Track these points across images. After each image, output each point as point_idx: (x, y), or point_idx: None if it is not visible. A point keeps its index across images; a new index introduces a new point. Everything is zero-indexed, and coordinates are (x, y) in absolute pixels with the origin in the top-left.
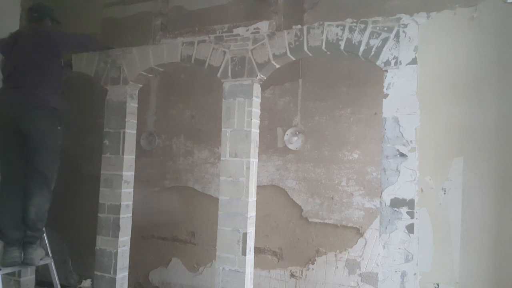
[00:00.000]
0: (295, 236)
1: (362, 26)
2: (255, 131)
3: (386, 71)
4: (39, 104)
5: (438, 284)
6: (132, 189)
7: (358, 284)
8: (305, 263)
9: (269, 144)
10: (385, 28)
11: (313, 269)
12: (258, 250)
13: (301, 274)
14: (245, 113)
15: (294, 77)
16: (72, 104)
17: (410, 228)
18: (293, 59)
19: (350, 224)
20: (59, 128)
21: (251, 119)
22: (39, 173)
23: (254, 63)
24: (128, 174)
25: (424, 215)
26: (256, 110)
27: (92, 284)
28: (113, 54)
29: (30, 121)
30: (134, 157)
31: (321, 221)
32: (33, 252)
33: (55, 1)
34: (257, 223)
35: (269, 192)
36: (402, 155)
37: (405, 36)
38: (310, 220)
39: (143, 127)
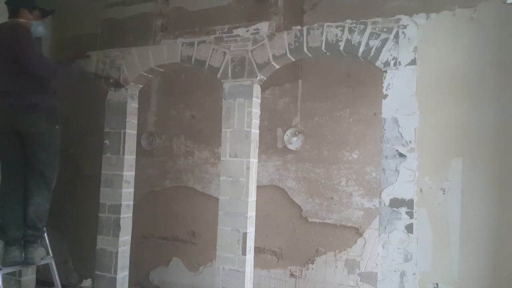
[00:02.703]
0: (295, 236)
1: (362, 27)
2: (255, 131)
3: (386, 71)
4: (35, 105)
5: (437, 284)
6: (133, 189)
7: (357, 284)
8: (305, 263)
9: (269, 144)
10: (385, 29)
11: (312, 268)
12: (258, 250)
13: (301, 274)
14: (245, 114)
15: (294, 78)
16: (73, 104)
17: (409, 228)
18: (293, 59)
19: (349, 224)
20: (57, 127)
21: (251, 120)
22: (38, 173)
23: (254, 64)
24: (129, 174)
25: (423, 215)
26: (256, 111)
27: (92, 283)
28: (111, 54)
29: (28, 123)
30: (134, 157)
31: (321, 221)
32: (34, 251)
33: (56, 1)
34: (257, 223)
35: (269, 192)
36: (401, 155)
37: (404, 37)
38: (309, 220)
39: (144, 127)
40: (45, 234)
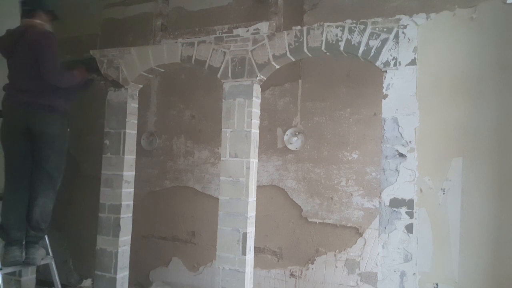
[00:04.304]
0: (295, 236)
1: (362, 27)
2: (255, 131)
3: (386, 71)
4: (50, 107)
5: (437, 284)
6: (133, 189)
7: (357, 284)
8: (305, 263)
9: (269, 144)
10: (385, 29)
11: (312, 268)
12: (258, 250)
13: (301, 274)
14: (245, 114)
15: (293, 78)
16: (73, 104)
17: (409, 228)
18: (293, 59)
19: (349, 224)
20: (68, 130)
21: (251, 120)
22: (46, 174)
23: (254, 64)
24: (129, 174)
25: (423, 215)
26: (256, 111)
27: (92, 283)
28: (109, 54)
29: (43, 124)
30: (134, 157)
31: (321, 221)
32: (35, 252)
33: (56, 1)
34: (257, 223)
35: (269, 192)
36: (401, 155)
37: (404, 37)
38: (309, 220)
39: (144, 127)
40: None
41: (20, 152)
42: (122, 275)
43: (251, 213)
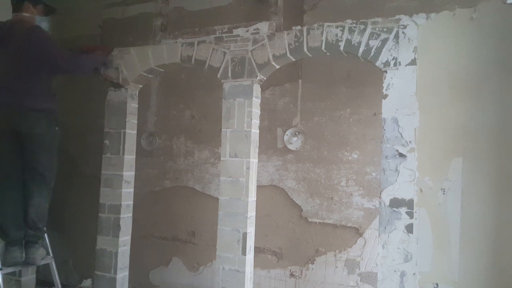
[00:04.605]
0: (295, 236)
1: (362, 27)
2: (255, 131)
3: (386, 71)
4: (36, 107)
5: (437, 284)
6: (133, 189)
7: (357, 284)
8: (305, 263)
9: (269, 144)
10: (385, 29)
11: (312, 268)
12: (258, 250)
13: (301, 274)
14: (245, 114)
15: (293, 78)
16: (72, 104)
17: (409, 228)
18: (293, 59)
19: (349, 224)
20: (56, 128)
21: (251, 120)
22: (38, 173)
23: (254, 64)
24: (129, 174)
25: (423, 215)
26: (256, 111)
27: (92, 283)
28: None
29: (28, 123)
30: (134, 157)
31: (321, 221)
32: (35, 252)
33: (56, 1)
34: (257, 223)
35: (269, 192)
36: (401, 155)
37: (404, 37)
38: (309, 220)
39: (144, 127)
40: (45, 235)
41: (11, 153)
42: (122, 275)
43: (251, 213)
